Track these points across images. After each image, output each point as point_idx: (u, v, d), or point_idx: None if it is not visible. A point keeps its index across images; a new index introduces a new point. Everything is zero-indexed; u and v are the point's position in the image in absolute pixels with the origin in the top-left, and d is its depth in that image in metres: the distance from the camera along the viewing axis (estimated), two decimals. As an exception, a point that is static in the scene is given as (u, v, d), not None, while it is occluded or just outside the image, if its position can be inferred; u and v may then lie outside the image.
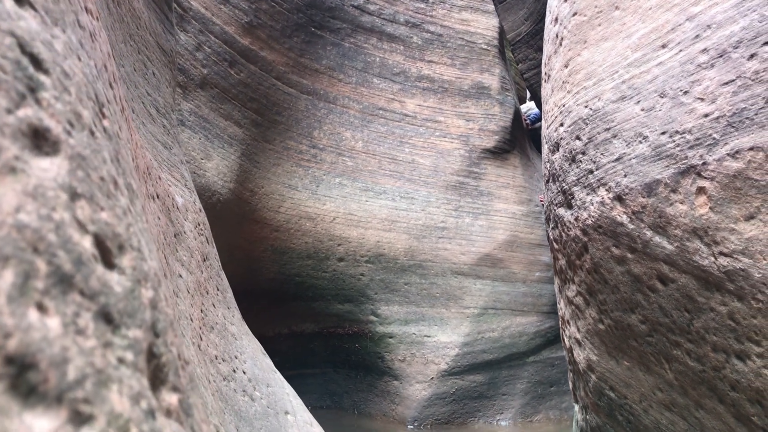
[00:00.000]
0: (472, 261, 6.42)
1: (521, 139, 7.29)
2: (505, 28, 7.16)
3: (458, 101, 6.86)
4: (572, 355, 2.61)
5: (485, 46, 7.01)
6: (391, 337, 6.33)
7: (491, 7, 7.13)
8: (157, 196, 1.88)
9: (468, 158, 6.74)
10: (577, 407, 2.75)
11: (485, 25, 7.07)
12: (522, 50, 7.31)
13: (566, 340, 2.67)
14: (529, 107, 8.40)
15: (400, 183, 6.63)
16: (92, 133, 0.55)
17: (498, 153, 6.85)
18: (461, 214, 6.58)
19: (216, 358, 1.96)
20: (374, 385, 6.43)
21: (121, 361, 0.40)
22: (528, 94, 10.01)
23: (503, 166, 6.86)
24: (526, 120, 7.91)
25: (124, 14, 2.37)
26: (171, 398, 0.49)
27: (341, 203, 6.44)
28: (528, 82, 7.57)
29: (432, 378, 6.07)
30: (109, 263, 0.46)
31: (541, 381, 6.31)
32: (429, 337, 6.24)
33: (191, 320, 1.73)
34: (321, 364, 6.73)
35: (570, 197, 2.28)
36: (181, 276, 1.89)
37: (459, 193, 6.65)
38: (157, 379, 0.48)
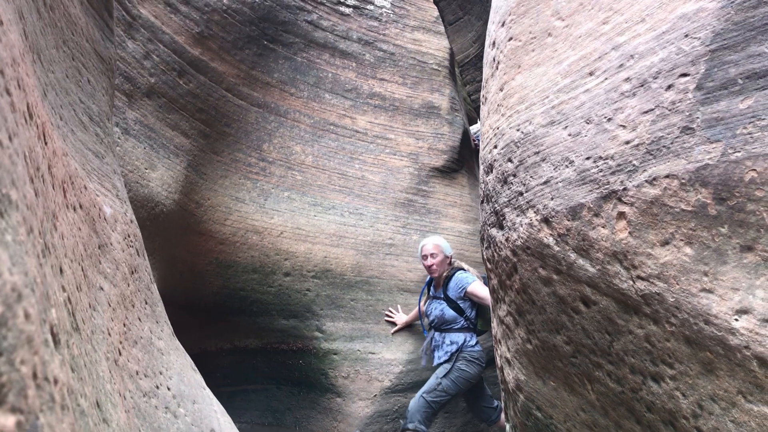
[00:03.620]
0: (419, 278, 6.45)
1: (469, 159, 7.38)
2: (455, 50, 7.27)
3: (408, 119, 6.92)
4: (503, 374, 2.64)
5: (436, 67, 7.10)
6: (335, 354, 6.28)
7: (443, 28, 7.23)
8: (80, 206, 1.83)
9: (417, 176, 6.79)
10: (508, 426, 2.78)
11: (437, 45, 7.16)
12: (470, 72, 7.43)
13: (498, 359, 2.69)
14: (478, 128, 8.51)
15: (349, 199, 6.63)
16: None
17: (446, 172, 6.92)
18: (409, 231, 6.60)
19: (137, 374, 1.91)
20: (317, 402, 6.36)
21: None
22: (478, 117, 10.17)
23: (451, 185, 6.93)
24: (474, 141, 8.01)
25: (58, 19, 2.31)
26: (7, 420, 0.47)
27: (289, 217, 6.40)
28: (474, 103, 7.69)
29: (375, 395, 6.04)
30: (-59, 278, 0.44)
31: (482, 399, 6.34)
32: (374, 354, 6.22)
33: (109, 334, 1.68)
34: (264, 380, 6.63)
35: (501, 218, 2.31)
36: (102, 289, 1.84)
37: (407, 210, 6.68)
38: (-9, 399, 0.46)
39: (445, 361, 5.35)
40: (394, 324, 6.29)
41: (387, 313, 6.32)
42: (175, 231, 5.87)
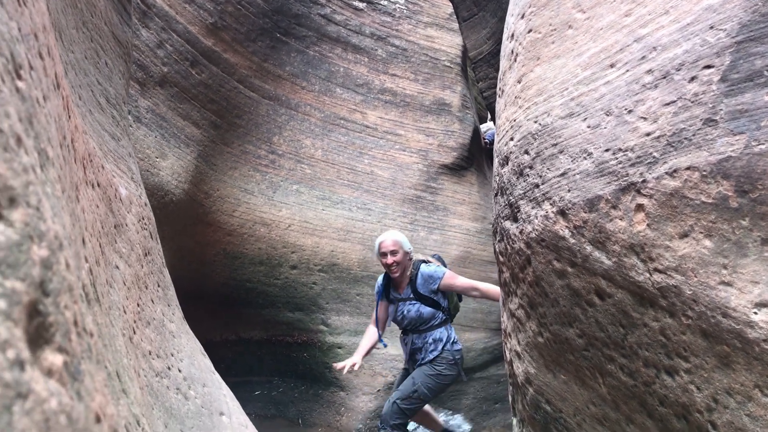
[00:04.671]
0: (425, 275, 6.44)
1: (479, 157, 7.37)
2: (468, 47, 7.25)
3: (419, 116, 6.91)
4: (512, 367, 2.63)
5: (448, 64, 7.09)
6: (340, 348, 6.29)
7: (456, 25, 7.22)
8: (98, 185, 1.83)
9: (426, 173, 6.79)
10: (515, 420, 2.77)
11: (449, 42, 7.15)
12: (483, 69, 7.42)
13: (507, 353, 2.69)
14: (488, 127, 8.50)
15: (357, 193, 6.63)
16: (-4, 86, 0.54)
17: (455, 169, 6.91)
18: (416, 227, 6.60)
19: (150, 354, 1.92)
20: (320, 396, 6.37)
21: (-11, 307, 0.39)
22: (489, 115, 10.14)
23: (460, 183, 6.92)
24: (484, 139, 8.01)
25: (78, 0, 2.32)
26: (55, 358, 0.47)
27: (297, 210, 6.41)
28: (487, 100, 7.68)
29: (378, 390, 6.05)
30: (-6, 213, 0.44)
31: (486, 397, 6.34)
32: (378, 349, 6.21)
33: (124, 312, 1.69)
34: (268, 372, 6.64)
35: (516, 210, 2.30)
36: (118, 267, 1.85)
37: (415, 206, 6.68)
38: (40, 337, 0.46)
39: (429, 361, 4.92)
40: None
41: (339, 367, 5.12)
42: (184, 220, 5.88)
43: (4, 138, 0.49)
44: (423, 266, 4.92)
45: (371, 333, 5.16)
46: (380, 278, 5.19)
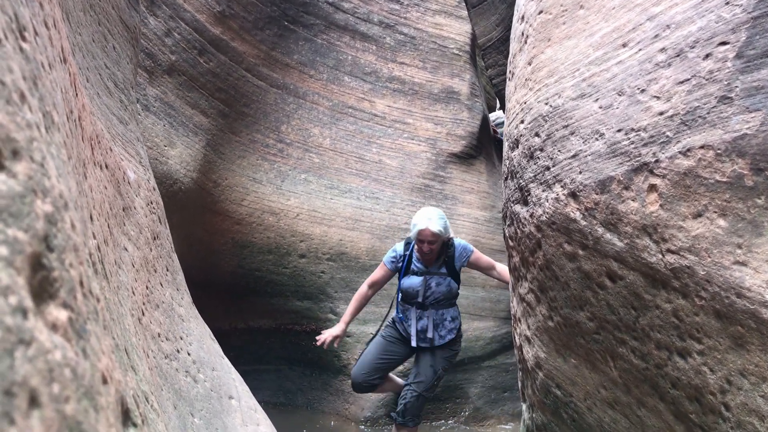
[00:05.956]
0: (433, 264, 6.42)
1: (487, 146, 7.33)
2: (477, 34, 7.20)
3: (428, 104, 6.87)
4: (522, 353, 2.62)
5: (457, 51, 7.04)
6: (348, 336, 6.28)
7: (465, 12, 7.16)
8: (106, 166, 1.83)
9: (434, 161, 6.75)
10: (524, 406, 2.76)
11: (458, 30, 7.10)
12: (492, 56, 7.36)
13: (517, 338, 2.68)
14: (497, 116, 8.45)
15: (366, 182, 6.61)
16: (-1, 41, 0.52)
17: (464, 158, 6.88)
18: (425, 216, 6.57)
19: (159, 336, 1.91)
20: (329, 384, 6.38)
21: (-10, 252, 0.38)
22: (498, 104, 10.08)
23: (468, 172, 6.89)
24: (494, 128, 7.96)
25: (85, -17, 2.31)
26: (59, 314, 0.46)
27: (306, 199, 6.39)
28: (496, 87, 7.62)
29: (387, 379, 6.04)
30: (-5, 162, 0.43)
31: (494, 386, 6.32)
32: (386, 337, 6.21)
33: (133, 293, 1.68)
34: (276, 360, 6.65)
35: (526, 194, 2.28)
36: (126, 249, 1.84)
37: (424, 195, 6.65)
38: (44, 291, 0.45)
39: (447, 344, 4.91)
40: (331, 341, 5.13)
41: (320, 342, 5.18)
42: (193, 209, 5.88)
43: (6, 91, 0.48)
44: (456, 242, 4.86)
45: (362, 297, 5.09)
46: (401, 246, 4.96)
